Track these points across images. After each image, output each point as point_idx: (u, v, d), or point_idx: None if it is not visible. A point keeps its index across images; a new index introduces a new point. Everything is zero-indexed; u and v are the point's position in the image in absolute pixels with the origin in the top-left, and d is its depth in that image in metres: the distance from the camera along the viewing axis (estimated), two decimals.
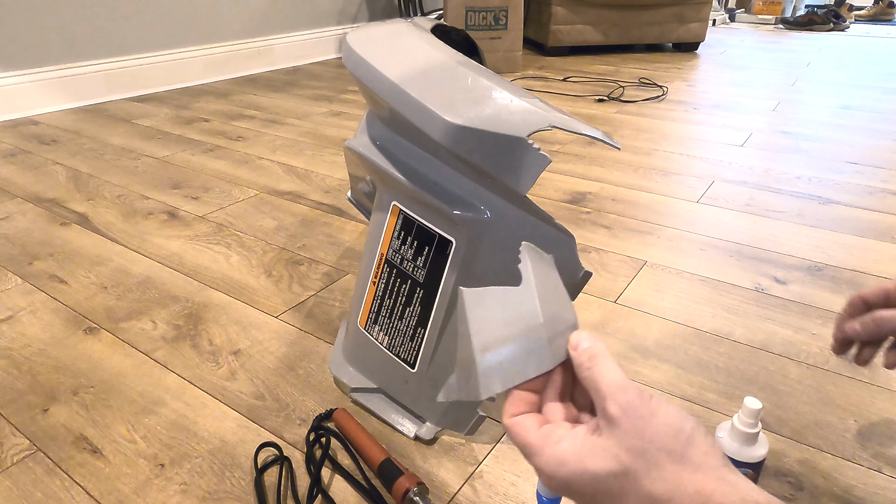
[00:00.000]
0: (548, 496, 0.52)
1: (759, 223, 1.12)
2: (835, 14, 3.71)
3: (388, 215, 0.61)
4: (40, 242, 1.07)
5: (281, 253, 1.03)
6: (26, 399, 0.70)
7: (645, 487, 0.28)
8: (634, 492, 0.29)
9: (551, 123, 0.46)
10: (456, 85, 0.49)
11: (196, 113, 1.91)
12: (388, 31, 0.61)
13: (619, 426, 0.29)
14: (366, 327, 0.66)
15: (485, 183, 0.50)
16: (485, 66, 0.80)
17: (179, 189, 1.30)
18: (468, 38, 0.78)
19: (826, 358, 0.75)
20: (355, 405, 0.68)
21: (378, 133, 0.59)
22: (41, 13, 1.84)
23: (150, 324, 0.84)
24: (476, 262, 0.54)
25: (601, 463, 0.29)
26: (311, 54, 2.75)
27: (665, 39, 2.81)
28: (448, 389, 0.35)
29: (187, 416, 0.67)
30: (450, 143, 0.45)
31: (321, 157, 1.50)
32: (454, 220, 0.53)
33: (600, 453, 0.29)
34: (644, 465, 0.28)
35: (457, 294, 0.56)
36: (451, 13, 2.39)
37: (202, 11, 2.27)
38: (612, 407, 0.30)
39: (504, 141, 0.45)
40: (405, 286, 0.60)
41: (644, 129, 1.69)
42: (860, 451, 0.62)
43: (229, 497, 0.57)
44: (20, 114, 1.87)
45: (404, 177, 0.55)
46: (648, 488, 0.28)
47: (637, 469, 0.28)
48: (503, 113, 0.46)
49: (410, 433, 0.63)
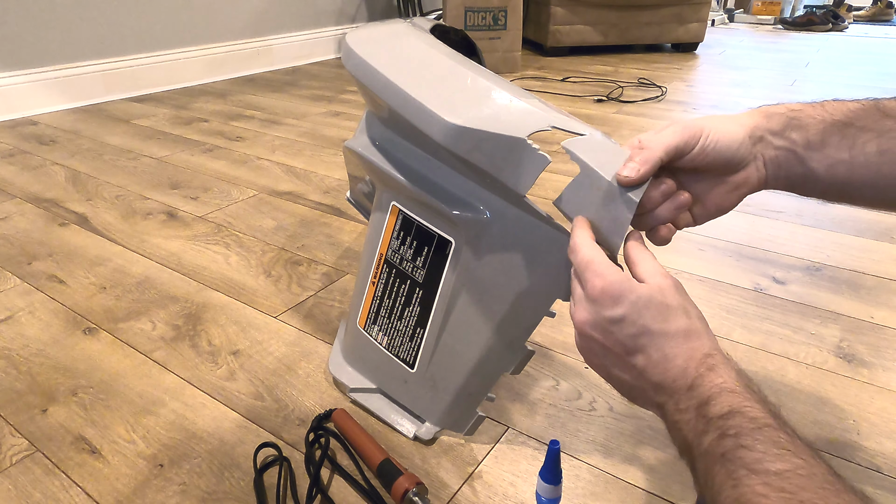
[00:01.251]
0: (547, 497, 0.52)
1: (758, 223, 1.12)
2: (833, 14, 3.71)
3: (388, 215, 0.61)
4: (39, 243, 1.07)
5: (280, 253, 1.03)
6: (25, 399, 0.70)
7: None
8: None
9: (551, 124, 0.46)
10: (455, 85, 0.49)
11: (195, 113, 1.91)
12: (387, 32, 0.61)
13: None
14: (365, 327, 0.66)
15: (484, 183, 0.50)
16: (484, 66, 0.80)
17: (178, 189, 1.30)
18: (467, 39, 0.78)
19: (825, 358, 0.75)
20: (354, 405, 0.68)
21: (377, 133, 0.59)
22: (40, 13, 1.84)
23: (150, 324, 0.83)
24: (475, 261, 0.54)
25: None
26: (310, 54, 2.75)
27: (664, 40, 2.82)
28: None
29: (186, 417, 0.67)
30: (449, 144, 0.45)
31: (320, 157, 1.50)
32: (453, 221, 0.53)
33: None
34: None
35: (455, 295, 0.56)
36: (451, 13, 2.39)
37: (201, 12, 2.27)
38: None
39: (503, 141, 0.45)
40: (404, 286, 0.60)
41: (643, 130, 1.69)
42: (859, 452, 0.62)
43: (228, 497, 0.57)
44: (19, 114, 1.87)
45: (404, 177, 0.55)
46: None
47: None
48: (502, 113, 0.46)
49: (410, 433, 0.63)
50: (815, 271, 0.96)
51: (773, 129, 0.45)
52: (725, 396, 0.34)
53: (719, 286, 0.91)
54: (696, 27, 2.79)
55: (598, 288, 0.39)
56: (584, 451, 0.62)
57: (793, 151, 0.45)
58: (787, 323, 0.83)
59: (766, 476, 0.29)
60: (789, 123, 0.44)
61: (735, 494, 0.30)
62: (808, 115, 0.44)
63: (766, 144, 0.45)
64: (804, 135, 0.44)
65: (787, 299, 0.88)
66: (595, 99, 2.02)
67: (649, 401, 0.40)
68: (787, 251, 1.02)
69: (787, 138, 0.45)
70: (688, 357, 0.37)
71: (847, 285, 0.91)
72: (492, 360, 0.57)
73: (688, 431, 0.35)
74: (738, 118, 0.46)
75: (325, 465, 0.60)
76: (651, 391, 0.39)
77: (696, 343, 0.38)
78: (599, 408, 0.68)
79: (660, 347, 0.38)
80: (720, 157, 0.44)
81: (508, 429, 0.65)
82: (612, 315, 0.38)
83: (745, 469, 0.30)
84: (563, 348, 0.77)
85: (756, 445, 0.31)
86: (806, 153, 0.44)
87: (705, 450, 0.33)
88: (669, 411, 0.37)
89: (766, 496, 0.28)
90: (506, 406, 0.68)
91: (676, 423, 0.37)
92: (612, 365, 0.40)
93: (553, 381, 0.72)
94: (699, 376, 0.36)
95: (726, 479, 0.31)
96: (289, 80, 2.40)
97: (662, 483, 0.58)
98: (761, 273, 0.95)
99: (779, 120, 0.45)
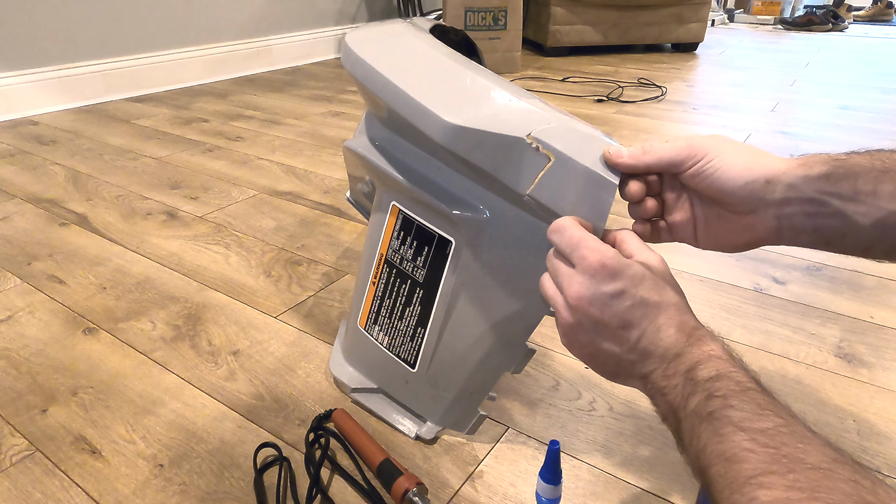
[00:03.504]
0: (547, 497, 0.52)
1: None
2: (833, 14, 3.71)
3: (388, 215, 0.61)
4: (39, 243, 1.07)
5: (280, 253, 1.03)
6: (25, 400, 0.70)
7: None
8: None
9: (556, 125, 0.45)
10: (454, 85, 0.49)
11: (195, 113, 1.91)
12: (386, 32, 0.61)
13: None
14: (366, 327, 0.66)
15: (484, 183, 0.50)
16: (484, 66, 0.80)
17: (178, 189, 1.30)
18: (467, 39, 0.78)
19: (825, 358, 0.75)
20: (355, 405, 0.68)
21: (377, 133, 0.59)
22: (40, 13, 1.84)
23: (149, 324, 0.83)
24: (476, 261, 0.54)
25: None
26: (310, 54, 2.75)
27: (664, 40, 2.82)
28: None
29: (186, 417, 0.67)
30: (448, 143, 0.45)
31: (320, 157, 1.50)
32: (453, 220, 0.53)
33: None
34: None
35: (456, 294, 0.56)
36: (451, 13, 2.39)
37: (201, 12, 2.27)
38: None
39: (502, 141, 0.45)
40: (405, 286, 0.60)
41: (643, 130, 1.69)
42: (859, 452, 0.62)
43: (228, 497, 0.57)
44: (19, 114, 1.87)
45: (403, 177, 0.55)
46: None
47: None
48: (502, 113, 0.46)
49: (411, 433, 0.63)
50: (815, 271, 0.96)
51: (812, 176, 0.40)
52: (713, 362, 0.36)
53: (719, 286, 0.91)
54: (696, 27, 2.79)
55: (596, 263, 0.39)
56: (584, 451, 0.62)
57: (830, 203, 0.40)
58: (787, 323, 0.83)
59: (752, 433, 0.31)
60: (833, 172, 0.40)
61: (720, 448, 0.32)
62: (857, 163, 0.40)
63: (797, 195, 0.41)
64: (853, 184, 0.40)
65: (787, 299, 0.88)
66: (595, 99, 2.02)
67: (635, 373, 0.40)
68: (787, 251, 1.02)
69: (828, 190, 0.40)
70: (679, 328, 0.38)
71: (847, 285, 0.91)
72: (493, 359, 0.57)
73: (675, 396, 0.37)
74: (765, 157, 0.42)
75: (325, 465, 0.60)
76: (639, 362, 0.39)
77: (687, 317, 0.39)
78: (599, 408, 0.68)
79: (654, 318, 0.39)
80: (719, 189, 0.42)
81: (508, 429, 0.65)
82: (612, 289, 0.39)
83: (731, 426, 0.32)
84: (563, 348, 0.77)
85: (742, 406, 0.33)
86: (847, 205, 0.40)
87: (692, 410, 0.35)
88: (656, 378, 0.38)
89: (752, 450, 0.30)
90: (506, 406, 0.68)
91: (662, 389, 0.38)
92: (604, 339, 0.40)
93: (553, 381, 0.72)
94: (688, 345, 0.37)
95: (712, 436, 0.32)
96: (289, 80, 2.40)
97: (662, 483, 0.58)
98: (761, 273, 0.95)
99: (821, 168, 0.40)
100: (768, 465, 0.29)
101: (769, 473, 0.29)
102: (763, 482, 0.29)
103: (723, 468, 0.31)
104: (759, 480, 0.29)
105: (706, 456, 0.32)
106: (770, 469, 0.29)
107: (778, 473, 0.29)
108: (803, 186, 0.40)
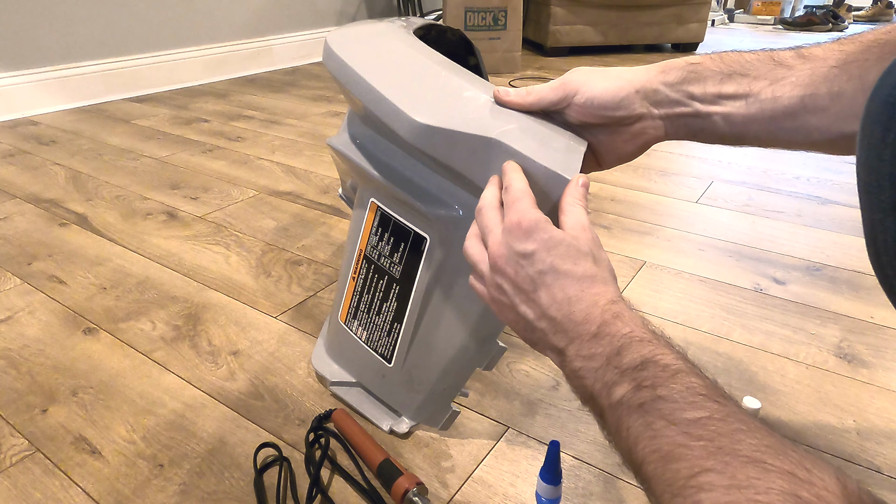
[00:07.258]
0: (547, 497, 0.52)
1: (757, 223, 1.12)
2: (833, 14, 3.71)
3: (367, 212, 0.61)
4: (39, 243, 1.07)
5: (280, 253, 1.03)
6: (25, 400, 0.70)
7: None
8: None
9: (520, 125, 0.46)
10: (428, 84, 0.50)
11: (195, 113, 1.91)
12: (368, 32, 0.61)
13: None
14: (346, 322, 0.67)
15: (457, 181, 0.50)
16: (483, 66, 0.80)
17: (178, 189, 1.30)
18: (465, 39, 0.78)
19: (825, 358, 0.75)
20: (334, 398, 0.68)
21: (357, 131, 0.59)
22: (40, 13, 1.84)
23: (149, 324, 0.83)
24: (449, 258, 0.54)
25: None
26: (310, 54, 2.75)
27: (664, 40, 2.82)
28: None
29: (186, 417, 0.67)
30: (417, 142, 0.46)
31: (320, 157, 1.50)
32: (428, 218, 0.53)
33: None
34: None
35: (430, 291, 0.56)
36: (450, 13, 2.39)
37: (201, 12, 2.27)
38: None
39: (472, 140, 0.45)
40: (382, 282, 0.61)
41: None
42: (859, 452, 0.62)
43: (228, 497, 0.57)
44: (19, 114, 1.87)
45: (380, 174, 0.55)
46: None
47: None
48: (473, 112, 0.47)
49: (386, 427, 0.64)
50: (815, 271, 0.96)
51: (670, 82, 0.46)
52: (636, 346, 0.35)
53: (719, 286, 0.91)
54: (696, 27, 2.79)
55: (514, 221, 0.39)
56: (584, 451, 0.62)
57: (690, 104, 0.46)
58: (787, 323, 0.83)
59: (685, 425, 0.30)
60: (687, 77, 0.46)
61: (654, 446, 0.31)
62: (706, 68, 0.46)
63: (662, 98, 0.47)
64: (702, 87, 0.46)
65: (786, 299, 0.88)
66: None
67: (549, 345, 0.40)
68: (787, 251, 1.02)
69: (685, 91, 0.46)
70: (591, 303, 0.37)
71: (847, 285, 0.91)
72: (465, 356, 0.57)
73: (594, 381, 0.36)
74: (628, 74, 0.48)
75: (325, 465, 0.60)
76: (551, 333, 0.39)
77: (601, 288, 0.38)
78: None
79: (563, 287, 0.38)
80: (600, 113, 0.47)
81: (508, 429, 0.65)
82: (523, 249, 0.39)
83: (663, 420, 0.31)
84: None
85: (672, 395, 0.31)
86: (703, 106, 0.46)
87: (619, 401, 0.34)
88: (570, 357, 0.37)
89: (687, 446, 0.29)
90: (506, 406, 0.68)
91: (577, 371, 0.37)
92: (521, 302, 0.40)
93: (553, 382, 0.72)
94: (604, 323, 0.36)
95: (644, 430, 0.32)
96: (289, 80, 2.40)
97: None
98: (761, 273, 0.95)
99: (676, 74, 0.46)
100: (704, 462, 0.28)
101: (707, 472, 0.28)
102: (703, 483, 0.28)
103: (658, 467, 0.30)
104: (698, 481, 0.28)
105: (639, 452, 0.32)
106: (706, 466, 0.28)
107: (715, 471, 0.28)
108: (666, 91, 0.47)
